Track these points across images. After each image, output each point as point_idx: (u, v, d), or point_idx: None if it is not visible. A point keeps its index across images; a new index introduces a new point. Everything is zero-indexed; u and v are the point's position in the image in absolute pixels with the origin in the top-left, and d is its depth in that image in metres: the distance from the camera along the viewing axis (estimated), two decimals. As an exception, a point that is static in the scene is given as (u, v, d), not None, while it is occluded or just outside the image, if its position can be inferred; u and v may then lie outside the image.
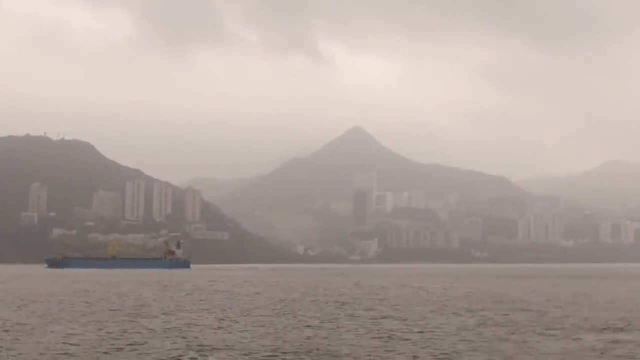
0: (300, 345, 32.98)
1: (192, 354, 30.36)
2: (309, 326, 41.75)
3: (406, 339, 35.28)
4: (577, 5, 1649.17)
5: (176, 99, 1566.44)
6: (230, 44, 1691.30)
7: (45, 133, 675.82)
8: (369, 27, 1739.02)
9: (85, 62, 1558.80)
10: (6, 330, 39.23)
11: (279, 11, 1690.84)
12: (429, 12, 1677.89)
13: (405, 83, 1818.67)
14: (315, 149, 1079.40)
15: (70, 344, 33.33)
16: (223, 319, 46.27)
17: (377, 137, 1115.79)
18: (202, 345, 32.79)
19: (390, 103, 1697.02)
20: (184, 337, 35.79)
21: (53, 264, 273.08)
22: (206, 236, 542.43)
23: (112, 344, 33.25)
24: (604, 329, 40.21)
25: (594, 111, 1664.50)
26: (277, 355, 29.97)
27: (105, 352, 30.89)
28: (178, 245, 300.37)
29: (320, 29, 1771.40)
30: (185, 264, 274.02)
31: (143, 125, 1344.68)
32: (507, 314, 49.39)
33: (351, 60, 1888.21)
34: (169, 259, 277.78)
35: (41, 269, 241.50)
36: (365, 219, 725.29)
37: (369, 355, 30.01)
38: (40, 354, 30.67)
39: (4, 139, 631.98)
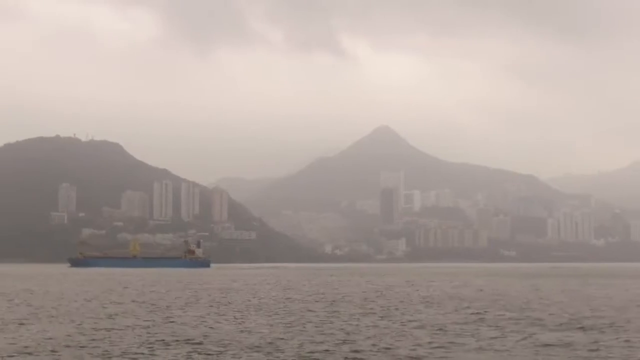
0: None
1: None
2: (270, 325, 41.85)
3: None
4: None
5: (201, 99, 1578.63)
6: (254, 43, 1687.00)
7: (74, 134, 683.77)
8: (391, 24, 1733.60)
9: (111, 62, 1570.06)
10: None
11: (302, 9, 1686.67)
12: (452, 8, 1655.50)
13: (430, 81, 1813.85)
14: (342, 148, 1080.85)
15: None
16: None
17: (404, 136, 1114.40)
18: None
19: (416, 101, 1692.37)
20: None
21: (75, 263, 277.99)
22: (233, 236, 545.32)
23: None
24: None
25: (625, 108, 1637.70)
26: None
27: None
28: (198, 245, 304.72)
29: (343, 27, 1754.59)
30: (205, 263, 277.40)
31: (170, 125, 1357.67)
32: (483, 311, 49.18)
33: (375, 57, 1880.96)
34: (189, 258, 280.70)
35: (64, 268, 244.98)
36: (393, 218, 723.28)
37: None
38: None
39: (34, 140, 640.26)
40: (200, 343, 33.26)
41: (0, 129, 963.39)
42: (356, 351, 30.48)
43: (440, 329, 38.81)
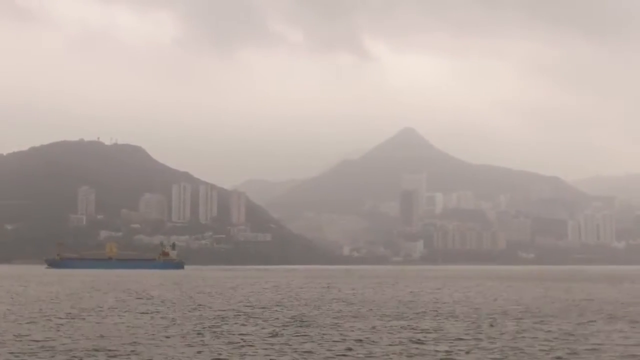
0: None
1: None
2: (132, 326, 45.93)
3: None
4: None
5: (224, 101, 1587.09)
6: (276, 44, 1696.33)
7: (98, 138, 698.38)
8: (413, 23, 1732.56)
9: (134, 64, 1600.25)
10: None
11: (322, 9, 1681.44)
12: (473, 8, 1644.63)
13: (454, 81, 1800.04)
14: (366, 150, 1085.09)
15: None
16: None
17: (428, 138, 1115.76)
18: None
19: (440, 102, 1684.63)
20: None
21: (52, 264, 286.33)
22: (249, 238, 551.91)
23: None
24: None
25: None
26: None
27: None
28: (173, 247, 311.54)
29: (364, 27, 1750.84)
30: (178, 265, 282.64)
31: (193, 127, 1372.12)
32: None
33: (396, 58, 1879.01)
34: (163, 260, 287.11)
35: (42, 269, 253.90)
36: (412, 220, 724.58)
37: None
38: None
39: (59, 143, 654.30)
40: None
41: (27, 133, 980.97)
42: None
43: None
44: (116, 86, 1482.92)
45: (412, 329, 43.02)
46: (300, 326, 44.16)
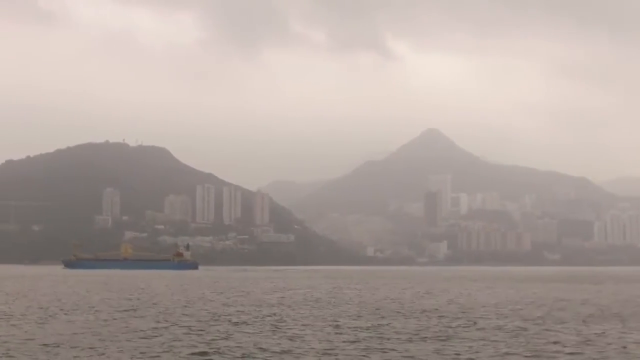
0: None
1: None
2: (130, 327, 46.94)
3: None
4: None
5: (247, 102, 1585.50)
6: (298, 44, 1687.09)
7: (123, 139, 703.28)
8: (435, 23, 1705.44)
9: (156, 66, 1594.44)
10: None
11: (344, 8, 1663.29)
12: (496, 6, 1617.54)
13: (477, 81, 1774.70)
14: (391, 151, 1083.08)
15: None
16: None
17: (453, 139, 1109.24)
18: None
19: (464, 102, 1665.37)
20: None
21: (68, 264, 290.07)
22: (272, 239, 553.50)
23: None
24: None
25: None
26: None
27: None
28: (187, 248, 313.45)
29: (386, 26, 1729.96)
30: (193, 266, 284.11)
31: (217, 128, 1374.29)
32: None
33: (419, 57, 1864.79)
34: (177, 261, 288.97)
35: (59, 269, 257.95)
36: (437, 220, 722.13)
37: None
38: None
39: (84, 145, 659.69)
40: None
41: (53, 135, 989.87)
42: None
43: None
44: (139, 88, 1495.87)
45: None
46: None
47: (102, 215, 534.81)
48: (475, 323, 46.75)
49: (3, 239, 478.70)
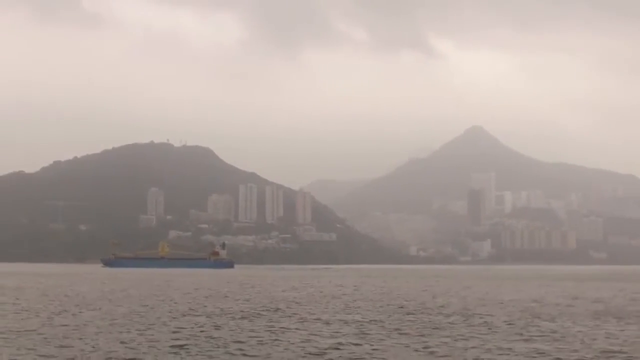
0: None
1: None
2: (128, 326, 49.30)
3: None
4: None
5: (290, 101, 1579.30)
6: (339, 43, 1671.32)
7: (167, 140, 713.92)
8: (477, 19, 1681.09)
9: (199, 66, 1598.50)
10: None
11: (385, 6, 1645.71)
12: (538, 1, 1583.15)
13: (522, 77, 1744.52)
14: (434, 149, 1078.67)
15: None
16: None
17: (497, 136, 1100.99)
18: None
19: (508, 99, 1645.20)
20: None
21: (107, 263, 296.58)
22: (314, 237, 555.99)
23: None
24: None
25: None
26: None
27: None
28: (223, 247, 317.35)
29: (428, 23, 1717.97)
30: (229, 264, 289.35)
31: (259, 128, 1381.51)
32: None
33: (462, 54, 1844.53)
34: (214, 259, 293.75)
35: (98, 268, 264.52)
36: (480, 219, 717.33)
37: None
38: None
39: (130, 146, 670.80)
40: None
41: (100, 136, 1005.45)
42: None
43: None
44: (183, 88, 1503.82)
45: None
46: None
47: (147, 215, 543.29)
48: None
49: (51, 238, 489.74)
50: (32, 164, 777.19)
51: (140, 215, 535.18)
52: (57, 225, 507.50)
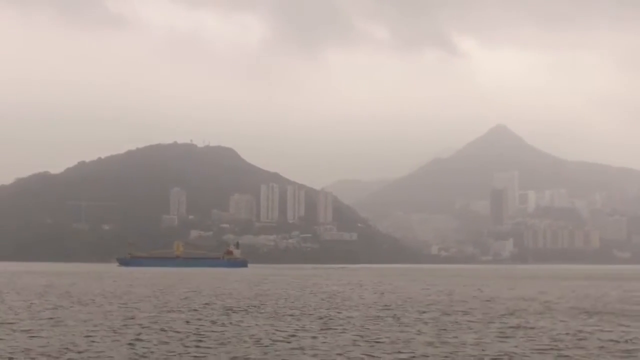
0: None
1: None
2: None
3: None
4: None
5: (313, 101, 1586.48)
6: (361, 42, 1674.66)
7: (191, 140, 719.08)
8: (500, 17, 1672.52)
9: (221, 66, 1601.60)
10: None
11: (406, 4, 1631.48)
12: None
13: (545, 76, 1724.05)
14: (457, 148, 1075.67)
15: None
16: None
17: (521, 135, 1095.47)
18: None
19: (532, 98, 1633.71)
20: None
21: (123, 262, 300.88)
22: (335, 237, 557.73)
23: None
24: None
25: None
26: None
27: None
28: (237, 246, 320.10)
29: (450, 21, 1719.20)
30: (242, 264, 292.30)
31: (283, 128, 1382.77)
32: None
33: (485, 53, 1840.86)
34: (227, 259, 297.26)
35: (114, 267, 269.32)
36: (503, 218, 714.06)
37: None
38: None
39: (153, 147, 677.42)
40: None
41: (124, 136, 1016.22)
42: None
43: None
44: (206, 89, 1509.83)
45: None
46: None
47: (169, 215, 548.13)
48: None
49: (75, 238, 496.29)
50: (57, 165, 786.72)
51: (162, 215, 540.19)
52: (81, 225, 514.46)
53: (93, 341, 35.35)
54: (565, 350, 32.93)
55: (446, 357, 30.50)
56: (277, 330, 40.27)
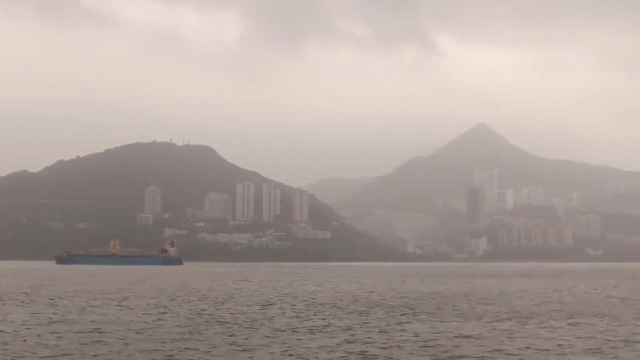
0: None
1: None
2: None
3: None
4: None
5: (294, 99, 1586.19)
6: (342, 39, 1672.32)
7: (171, 140, 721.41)
8: (479, 14, 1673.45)
9: (201, 64, 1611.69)
10: None
11: (385, 1, 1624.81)
12: None
13: (528, 74, 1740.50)
14: (440, 146, 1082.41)
15: None
16: None
17: (503, 134, 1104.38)
18: None
19: (513, 96, 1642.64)
20: None
21: (60, 260, 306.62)
22: (309, 235, 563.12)
23: None
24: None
25: None
26: None
27: None
28: (172, 245, 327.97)
29: (430, 19, 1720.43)
30: (177, 262, 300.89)
31: (264, 126, 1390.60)
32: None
33: (465, 50, 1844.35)
34: (162, 257, 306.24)
35: (51, 265, 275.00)
36: (479, 217, 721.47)
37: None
38: None
39: (132, 146, 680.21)
40: None
41: (104, 135, 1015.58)
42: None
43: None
44: (187, 86, 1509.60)
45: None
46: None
47: (144, 214, 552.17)
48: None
49: (50, 237, 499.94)
50: (36, 164, 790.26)
51: (137, 214, 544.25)
52: (56, 224, 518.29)
53: None
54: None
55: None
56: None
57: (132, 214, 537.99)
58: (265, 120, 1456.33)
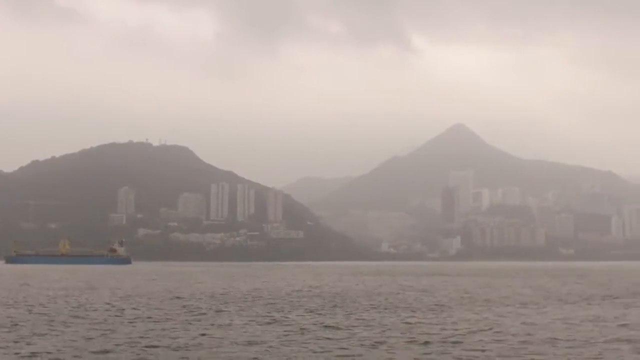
0: None
1: None
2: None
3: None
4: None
5: (270, 97, 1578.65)
6: (316, 38, 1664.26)
7: (147, 139, 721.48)
8: (455, 14, 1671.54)
9: (176, 62, 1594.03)
10: None
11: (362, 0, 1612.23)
12: None
13: (504, 74, 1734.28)
14: (417, 146, 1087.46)
15: None
16: None
17: (480, 134, 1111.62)
18: None
19: (490, 96, 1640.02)
20: None
21: (10, 260, 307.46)
22: (281, 235, 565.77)
23: None
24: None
25: None
26: None
27: None
28: (121, 244, 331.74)
29: (404, 18, 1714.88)
30: (126, 261, 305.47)
31: (240, 125, 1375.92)
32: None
33: (441, 50, 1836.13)
34: (111, 256, 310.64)
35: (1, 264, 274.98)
36: (454, 216, 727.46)
37: None
38: None
39: (107, 145, 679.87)
40: None
41: (79, 135, 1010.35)
42: None
43: None
44: (163, 86, 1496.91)
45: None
46: None
47: (117, 213, 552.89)
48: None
49: (21, 237, 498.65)
50: (10, 164, 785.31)
51: (110, 214, 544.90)
52: (27, 224, 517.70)
53: None
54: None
55: None
56: None
57: (105, 214, 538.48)
58: (243, 120, 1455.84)
